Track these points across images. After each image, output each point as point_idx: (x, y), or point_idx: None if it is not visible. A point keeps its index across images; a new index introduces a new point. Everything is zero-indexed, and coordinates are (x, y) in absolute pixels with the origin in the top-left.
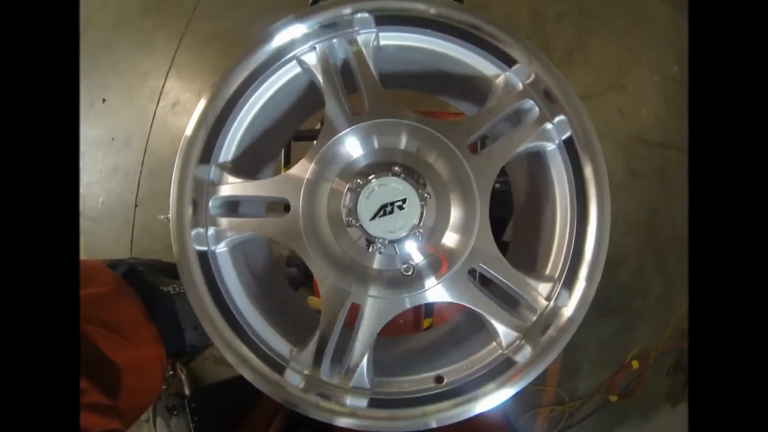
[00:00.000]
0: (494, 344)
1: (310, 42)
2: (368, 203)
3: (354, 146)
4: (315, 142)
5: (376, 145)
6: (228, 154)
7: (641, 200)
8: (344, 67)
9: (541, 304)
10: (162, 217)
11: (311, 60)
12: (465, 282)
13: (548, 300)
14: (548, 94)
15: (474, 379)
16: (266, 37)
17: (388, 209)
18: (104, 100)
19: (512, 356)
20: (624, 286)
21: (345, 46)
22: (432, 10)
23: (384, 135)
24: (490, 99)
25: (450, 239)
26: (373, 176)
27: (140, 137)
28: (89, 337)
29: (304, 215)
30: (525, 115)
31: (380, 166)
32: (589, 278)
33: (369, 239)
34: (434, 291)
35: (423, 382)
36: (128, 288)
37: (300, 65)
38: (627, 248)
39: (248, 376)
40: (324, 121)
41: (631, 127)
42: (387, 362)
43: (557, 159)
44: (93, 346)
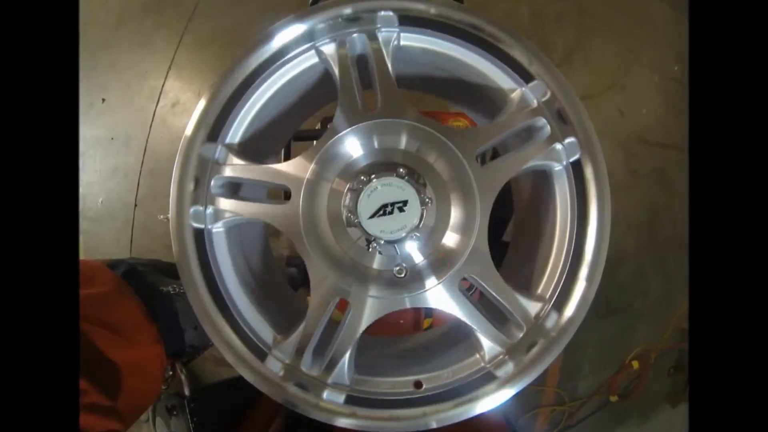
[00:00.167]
0: (477, 356)
1: (331, 33)
2: (369, 201)
3: (355, 146)
4: (325, 132)
5: (377, 145)
6: (236, 136)
7: (641, 200)
8: (360, 62)
9: (529, 323)
10: (162, 217)
11: (330, 51)
12: (456, 291)
13: (536, 319)
14: (561, 115)
15: (452, 389)
16: (288, 23)
17: (388, 209)
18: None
19: (494, 371)
20: (624, 286)
21: (365, 42)
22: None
23: (384, 135)
24: (504, 112)
25: (450, 240)
26: (377, 175)
27: (140, 137)
28: (89, 338)
29: (304, 215)
30: (536, 133)
31: (383, 166)
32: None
33: (367, 238)
34: (434, 291)
35: (402, 386)
36: (128, 288)
37: (318, 55)
38: (627, 248)
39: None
40: (333, 114)
41: (632, 127)
42: (370, 361)
43: (562, 179)
44: (93, 347)
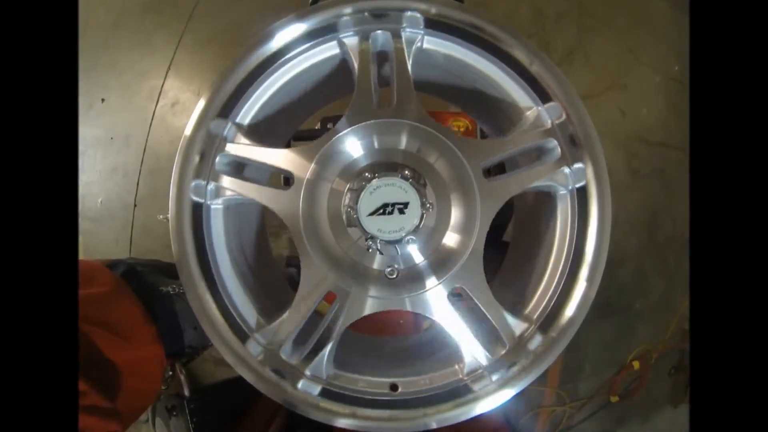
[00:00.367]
0: (456, 367)
1: (356, 27)
2: (370, 198)
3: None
4: (338, 123)
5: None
6: (247, 117)
7: (642, 200)
8: (379, 59)
9: (513, 342)
10: (161, 217)
11: (352, 43)
12: (444, 300)
13: (521, 339)
14: (573, 139)
15: (426, 396)
16: (316, 11)
17: (388, 209)
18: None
19: (471, 384)
20: (625, 287)
21: (389, 39)
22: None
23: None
24: (517, 128)
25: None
26: (380, 174)
27: (139, 137)
28: (88, 338)
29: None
30: (546, 154)
31: (385, 166)
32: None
33: (366, 236)
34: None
35: (378, 386)
36: (127, 288)
37: (340, 46)
38: (627, 248)
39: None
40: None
41: (632, 127)
42: (349, 358)
43: (565, 202)
44: (92, 347)
